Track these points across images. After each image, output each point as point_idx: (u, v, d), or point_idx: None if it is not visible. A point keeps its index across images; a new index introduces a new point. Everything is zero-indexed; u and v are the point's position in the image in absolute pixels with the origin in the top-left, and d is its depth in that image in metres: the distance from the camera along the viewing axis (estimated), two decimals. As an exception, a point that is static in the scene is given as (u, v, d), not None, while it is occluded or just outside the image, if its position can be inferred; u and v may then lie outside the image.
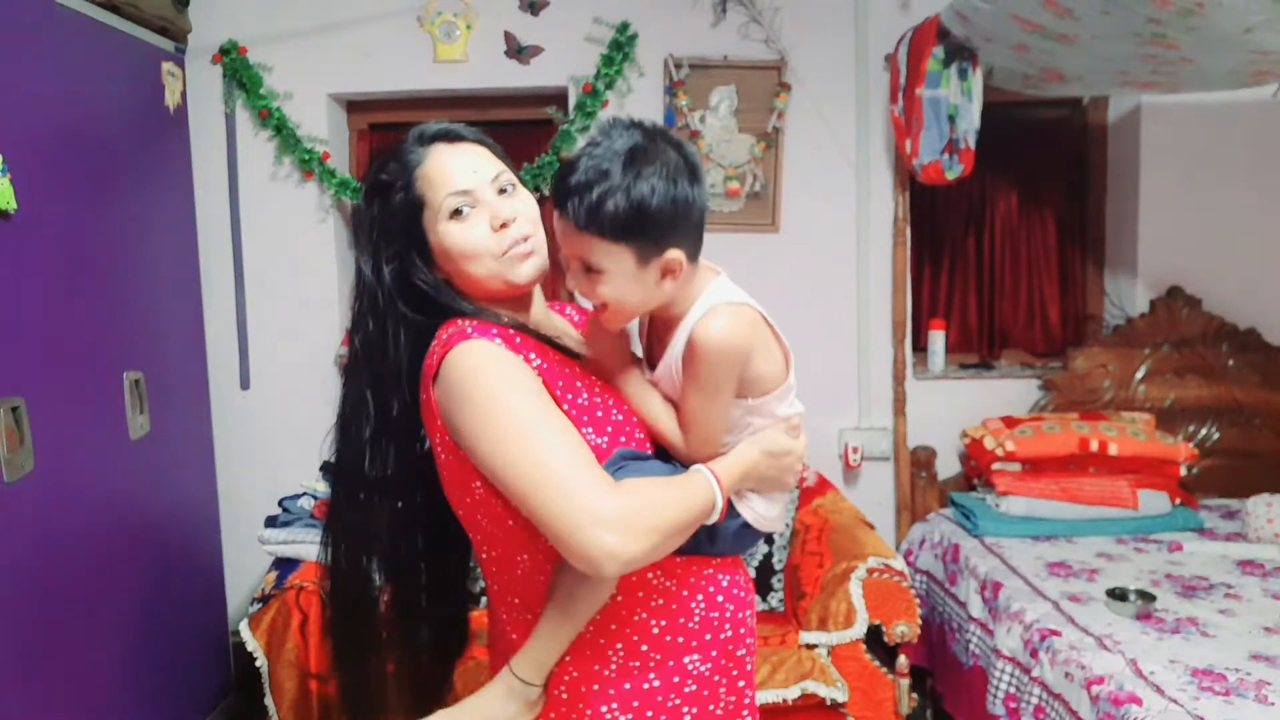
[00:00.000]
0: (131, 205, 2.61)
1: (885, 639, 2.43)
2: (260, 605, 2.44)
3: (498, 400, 1.09)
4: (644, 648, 1.18)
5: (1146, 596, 2.34)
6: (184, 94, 2.93)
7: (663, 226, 1.09)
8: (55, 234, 2.23)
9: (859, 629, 2.41)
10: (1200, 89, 2.89)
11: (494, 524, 1.18)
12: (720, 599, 1.22)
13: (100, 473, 2.39)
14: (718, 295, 1.16)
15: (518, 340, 1.17)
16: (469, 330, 1.14)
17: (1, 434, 1.98)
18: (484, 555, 1.23)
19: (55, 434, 2.17)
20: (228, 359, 3.23)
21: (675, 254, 1.11)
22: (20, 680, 2.03)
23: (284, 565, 2.59)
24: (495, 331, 1.15)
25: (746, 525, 1.24)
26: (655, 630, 1.18)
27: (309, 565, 2.55)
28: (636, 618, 1.18)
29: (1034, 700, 2.22)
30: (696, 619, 1.20)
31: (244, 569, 3.20)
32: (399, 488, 1.28)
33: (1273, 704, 1.84)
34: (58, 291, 2.24)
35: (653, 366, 1.23)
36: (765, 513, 1.25)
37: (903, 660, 2.47)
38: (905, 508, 3.27)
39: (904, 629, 2.42)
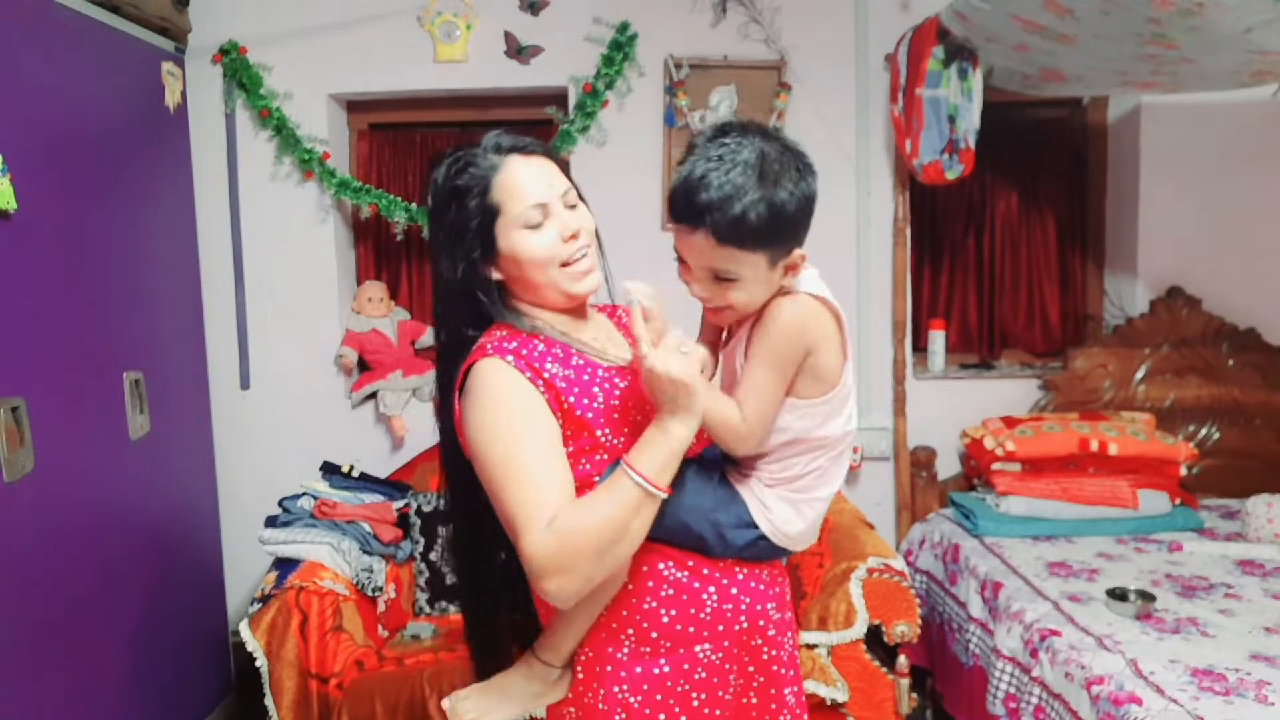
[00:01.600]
0: (131, 205, 2.61)
1: (885, 639, 2.43)
2: (260, 605, 2.44)
3: (491, 419, 1.20)
4: (654, 634, 1.24)
5: (1146, 596, 2.34)
6: (184, 94, 2.93)
7: (797, 228, 1.16)
8: (55, 234, 2.23)
9: (859, 629, 2.41)
10: (1200, 89, 2.89)
11: None
12: (734, 591, 1.27)
13: (100, 473, 2.39)
14: (807, 284, 1.21)
15: (539, 350, 1.24)
16: (489, 348, 1.23)
17: (1, 434, 1.98)
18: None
19: (55, 434, 2.17)
20: (228, 359, 3.23)
21: (799, 253, 1.18)
22: (20, 680, 2.03)
23: (284, 565, 2.59)
24: (513, 346, 1.23)
25: (764, 538, 1.25)
26: (665, 619, 1.24)
27: (309, 565, 2.55)
28: (646, 605, 1.24)
29: (1034, 700, 2.22)
30: (708, 610, 1.25)
31: (244, 569, 3.20)
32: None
33: (1273, 704, 1.84)
34: (58, 291, 2.24)
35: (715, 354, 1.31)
36: (785, 526, 1.26)
37: (903, 660, 2.47)
38: (905, 508, 3.27)
39: (904, 629, 2.42)
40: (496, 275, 1.30)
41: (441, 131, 3.41)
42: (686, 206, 1.14)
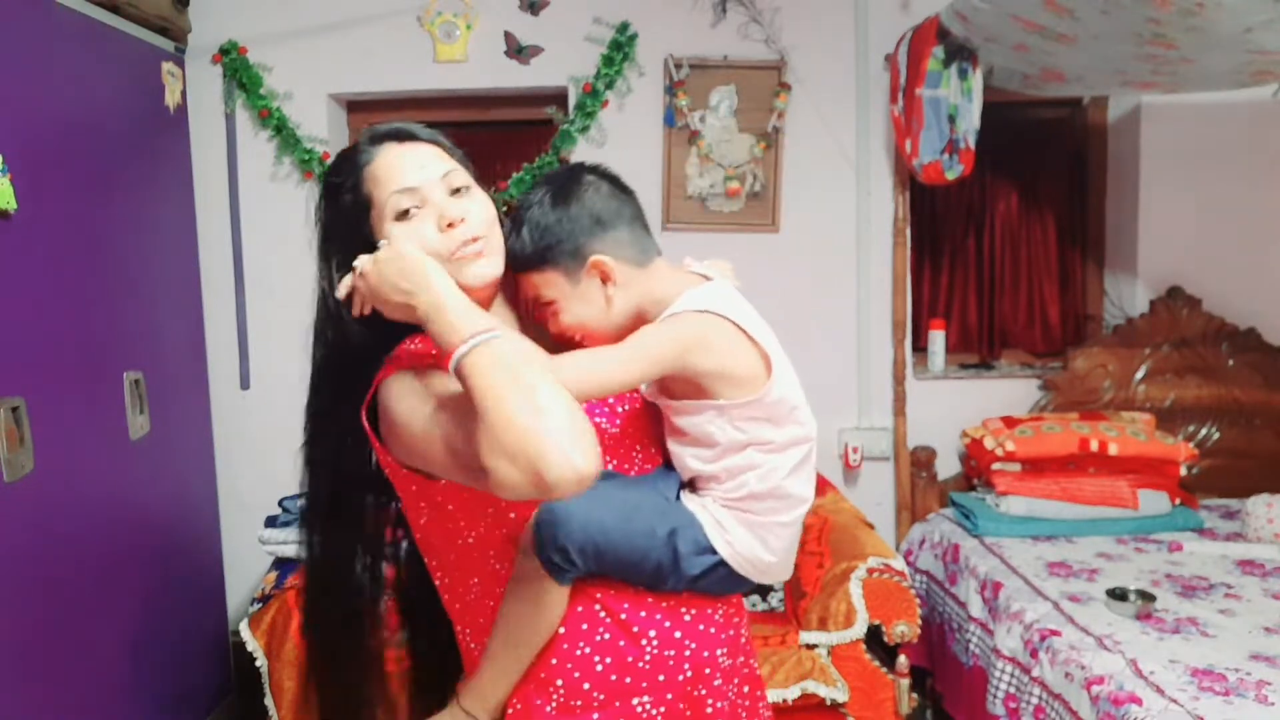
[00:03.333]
0: (131, 205, 2.61)
1: (885, 639, 2.43)
2: (260, 605, 2.45)
3: (413, 402, 1.08)
4: (585, 685, 1.10)
5: (1146, 596, 2.34)
6: (184, 94, 2.93)
7: (576, 238, 1.14)
8: (55, 234, 2.23)
9: (859, 629, 2.41)
10: (1200, 89, 2.89)
11: (446, 544, 1.16)
12: (679, 635, 1.13)
13: (100, 473, 2.39)
14: (686, 301, 1.13)
15: None
16: (405, 361, 1.12)
17: (1, 434, 1.98)
18: (438, 581, 1.22)
19: (55, 434, 2.16)
20: (228, 359, 3.23)
21: (598, 258, 1.14)
22: (20, 680, 2.03)
23: (284, 565, 2.60)
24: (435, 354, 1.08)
25: (724, 565, 1.14)
26: (599, 667, 1.11)
27: (309, 565, 2.55)
28: (579, 652, 1.11)
29: (1034, 700, 2.22)
30: (648, 657, 1.11)
31: (244, 569, 3.20)
32: (370, 489, 1.24)
33: (1273, 704, 1.84)
34: (58, 291, 2.24)
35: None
36: (747, 552, 1.14)
37: (903, 660, 2.47)
38: (905, 508, 3.27)
39: (904, 629, 2.42)
40: None
41: (441, 132, 3.40)
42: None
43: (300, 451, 1.23)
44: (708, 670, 1.14)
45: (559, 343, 1.17)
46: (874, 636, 2.44)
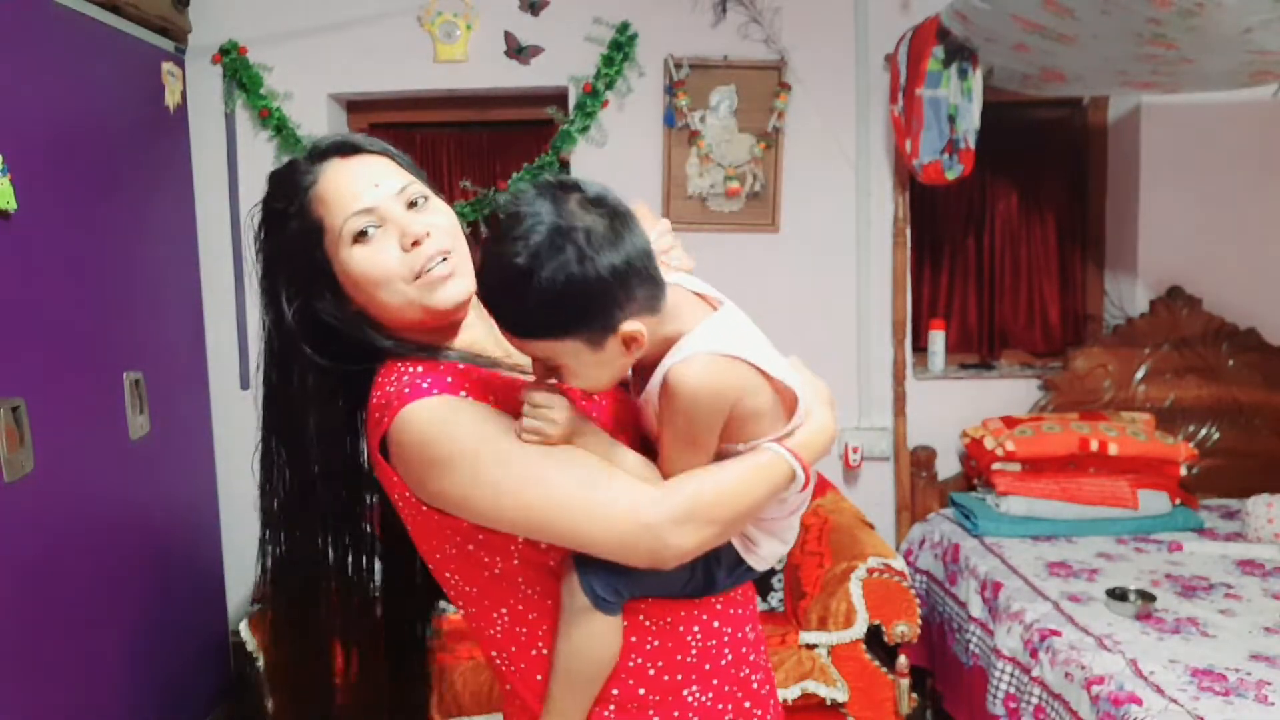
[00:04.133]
0: (131, 205, 2.61)
1: (885, 639, 2.43)
2: (260, 605, 2.44)
3: (479, 455, 0.99)
4: (641, 691, 1.10)
5: (1146, 596, 2.34)
6: (184, 94, 2.93)
7: (605, 307, 0.95)
8: (55, 234, 2.23)
9: (859, 629, 2.41)
10: (1200, 89, 2.89)
11: (470, 578, 1.10)
12: (717, 624, 1.13)
13: (100, 473, 2.39)
14: (701, 343, 1.02)
15: (476, 379, 1.07)
16: (425, 386, 1.02)
17: (1, 434, 1.98)
18: (462, 610, 1.16)
19: (55, 434, 2.16)
20: (228, 359, 3.22)
21: (632, 326, 0.97)
22: (20, 680, 2.03)
23: (284, 565, 2.59)
24: (450, 380, 1.04)
25: (750, 569, 1.17)
26: (652, 672, 1.10)
27: (309, 565, 2.55)
28: (631, 663, 1.10)
29: (1034, 700, 2.22)
30: (694, 652, 1.12)
31: (244, 569, 3.18)
32: (338, 523, 1.19)
33: (1273, 704, 1.84)
34: (58, 291, 2.24)
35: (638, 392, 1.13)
36: (771, 554, 1.17)
37: (903, 660, 2.47)
38: (905, 508, 3.27)
39: (904, 629, 2.42)
40: (351, 308, 1.09)
41: (442, 132, 3.41)
42: (480, 290, 1.00)
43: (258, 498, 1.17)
44: (744, 649, 1.16)
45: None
46: (874, 636, 2.44)
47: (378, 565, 1.25)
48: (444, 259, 1.06)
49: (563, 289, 0.92)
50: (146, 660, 2.56)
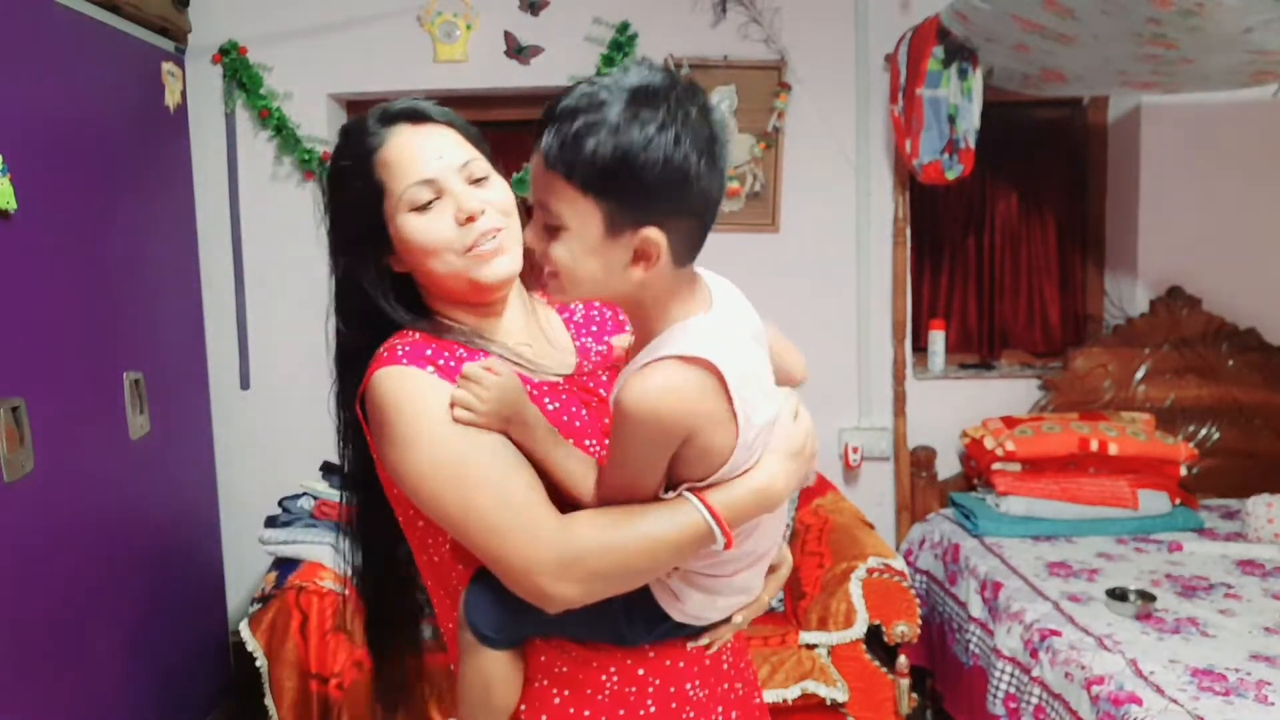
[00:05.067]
0: (131, 205, 2.61)
1: (885, 639, 2.43)
2: (260, 605, 2.44)
3: (420, 436, 0.99)
4: (543, 718, 1.06)
5: (1146, 596, 2.34)
6: (184, 94, 2.93)
7: (648, 191, 0.86)
8: (55, 234, 2.23)
9: (859, 629, 2.41)
10: (1200, 89, 2.89)
11: (418, 556, 1.12)
12: (641, 672, 1.06)
13: (100, 473, 2.39)
14: (678, 342, 0.92)
15: (458, 358, 1.05)
16: (401, 352, 1.04)
17: (1, 434, 1.98)
18: (425, 579, 1.17)
19: (55, 434, 2.17)
20: (228, 359, 3.22)
21: (653, 234, 0.88)
22: (20, 680, 2.03)
23: (284, 565, 2.59)
24: (430, 353, 1.04)
25: (678, 626, 1.05)
26: (557, 701, 1.06)
27: (309, 565, 2.55)
28: (538, 685, 1.06)
29: (1034, 700, 2.22)
30: (606, 694, 1.05)
31: (244, 569, 3.20)
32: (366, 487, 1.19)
33: (1273, 704, 1.85)
34: (58, 291, 2.24)
35: None
36: (703, 613, 1.05)
37: (903, 660, 2.47)
38: (905, 508, 3.27)
39: (904, 629, 2.42)
40: (398, 268, 1.11)
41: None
42: (541, 115, 0.91)
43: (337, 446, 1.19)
44: (674, 705, 1.07)
45: (541, 288, 1.02)
46: (874, 636, 2.44)
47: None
48: (494, 236, 1.07)
49: (635, 146, 0.85)
50: (146, 660, 2.56)
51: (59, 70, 2.29)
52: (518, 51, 3.17)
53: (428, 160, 1.07)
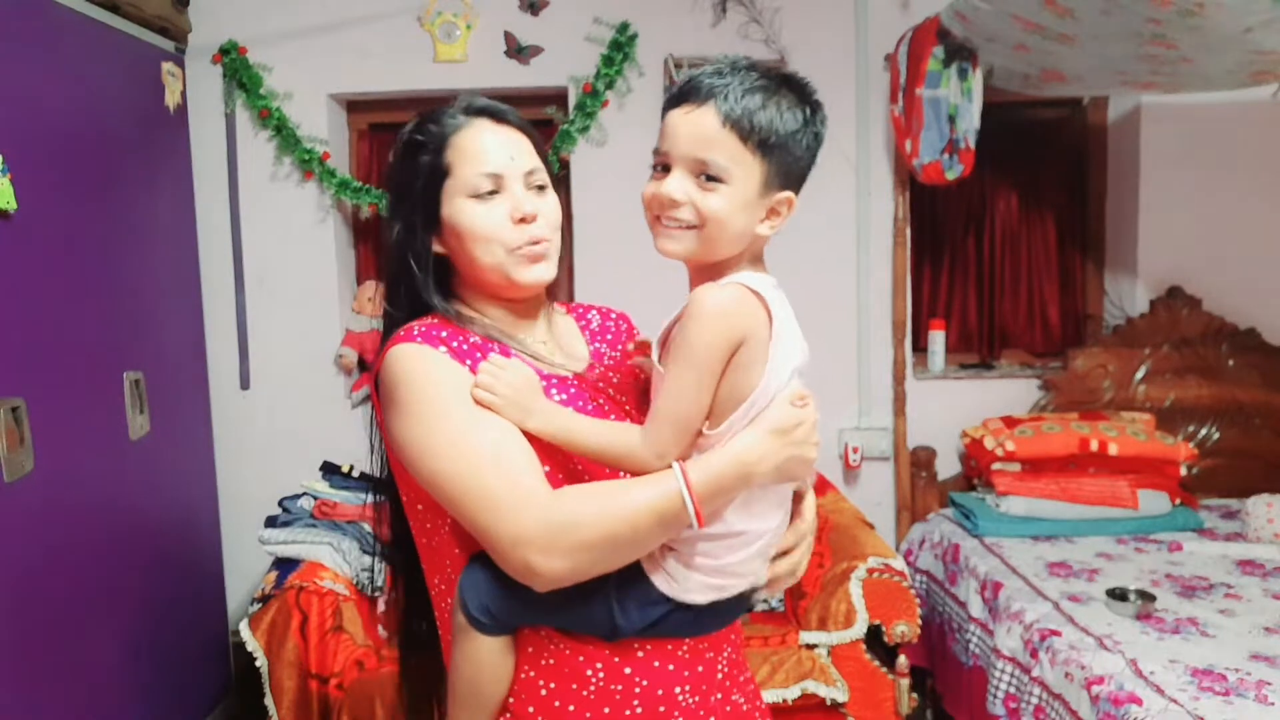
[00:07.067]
0: (131, 205, 2.61)
1: (885, 639, 2.43)
2: (260, 605, 2.44)
3: (426, 408, 1.03)
4: (530, 709, 1.07)
5: (1146, 596, 2.34)
6: (184, 94, 2.93)
7: (797, 161, 1.05)
8: (55, 234, 2.23)
9: (859, 629, 2.41)
10: (1200, 89, 2.89)
11: (418, 539, 1.15)
12: (628, 670, 1.06)
13: (100, 473, 2.39)
14: (745, 279, 1.03)
15: (473, 341, 1.10)
16: (417, 332, 1.08)
17: (2, 434, 1.98)
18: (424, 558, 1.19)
19: (55, 434, 2.16)
20: (228, 359, 3.23)
21: (792, 196, 1.06)
22: (20, 680, 2.03)
23: (284, 565, 2.59)
24: (444, 335, 1.09)
25: (675, 609, 1.04)
26: (543, 693, 1.07)
27: (309, 565, 2.55)
28: (524, 676, 1.08)
29: (1034, 700, 2.22)
30: (591, 689, 1.05)
31: (244, 569, 3.20)
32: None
33: (1273, 704, 1.84)
34: (58, 291, 2.24)
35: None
36: (699, 598, 1.04)
37: (903, 660, 2.47)
38: (905, 508, 3.27)
39: (904, 629, 2.42)
40: (438, 249, 1.15)
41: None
42: (695, 87, 1.01)
43: None
44: (662, 709, 1.06)
45: (663, 243, 1.07)
46: (874, 636, 2.44)
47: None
48: (541, 244, 1.13)
49: (799, 124, 1.04)
50: (146, 660, 2.56)
51: (59, 70, 2.29)
52: (518, 51, 3.17)
53: (499, 157, 1.13)
